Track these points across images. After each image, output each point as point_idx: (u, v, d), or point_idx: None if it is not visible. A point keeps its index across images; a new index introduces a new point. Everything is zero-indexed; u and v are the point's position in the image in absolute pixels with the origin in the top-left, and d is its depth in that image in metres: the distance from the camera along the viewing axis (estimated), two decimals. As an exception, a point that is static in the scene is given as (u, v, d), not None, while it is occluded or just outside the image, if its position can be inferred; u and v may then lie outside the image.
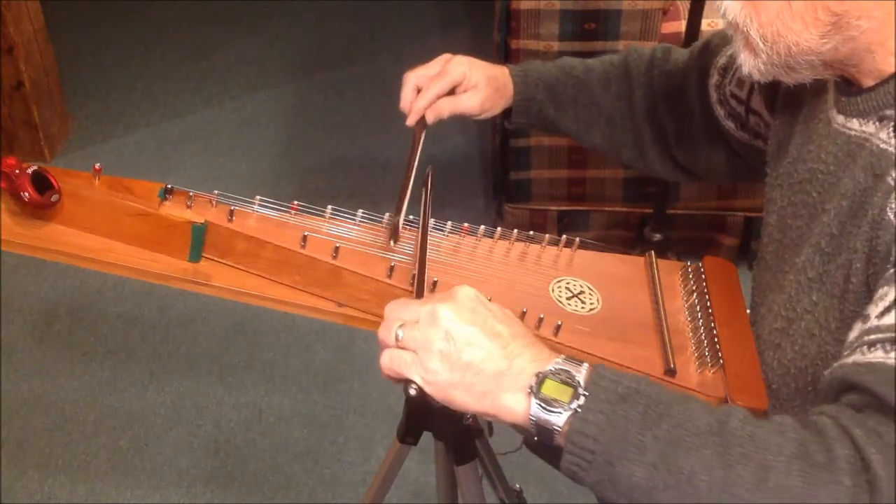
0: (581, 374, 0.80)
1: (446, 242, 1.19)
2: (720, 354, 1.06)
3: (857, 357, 0.82)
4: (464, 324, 0.83)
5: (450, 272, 1.14)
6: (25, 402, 2.27)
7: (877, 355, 0.80)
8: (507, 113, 1.34)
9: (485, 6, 2.97)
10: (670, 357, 1.06)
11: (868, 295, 0.88)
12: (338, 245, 1.11)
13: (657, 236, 2.42)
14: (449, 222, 1.20)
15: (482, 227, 1.21)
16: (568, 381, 0.80)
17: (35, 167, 1.04)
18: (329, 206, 1.17)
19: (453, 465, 1.30)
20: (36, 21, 2.92)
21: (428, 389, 0.83)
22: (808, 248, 0.97)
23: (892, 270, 0.83)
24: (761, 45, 0.93)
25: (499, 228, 1.20)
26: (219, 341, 2.44)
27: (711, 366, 1.05)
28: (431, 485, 1.50)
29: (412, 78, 1.26)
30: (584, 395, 0.79)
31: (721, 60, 1.24)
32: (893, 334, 0.80)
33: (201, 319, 2.49)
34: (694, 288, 1.17)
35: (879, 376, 0.78)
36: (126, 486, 2.09)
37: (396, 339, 0.85)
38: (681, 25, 2.27)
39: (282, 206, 1.16)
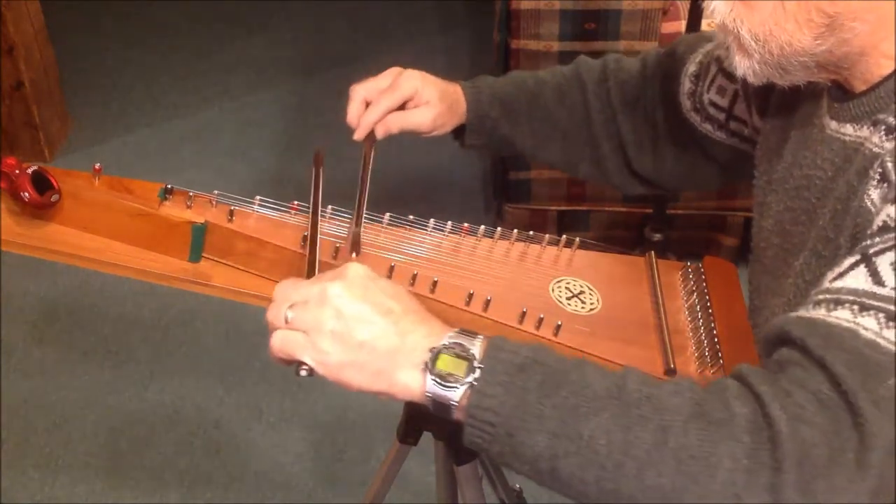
0: (476, 346, 0.80)
1: (446, 242, 1.19)
2: (720, 354, 1.06)
3: (800, 312, 0.82)
4: (355, 301, 0.81)
5: (450, 272, 1.14)
6: (25, 402, 2.27)
7: (819, 312, 0.80)
8: (456, 133, 1.29)
9: (485, 6, 2.97)
10: (670, 357, 1.06)
11: None
12: (338, 245, 1.11)
13: (657, 236, 2.42)
14: (449, 222, 1.20)
15: (482, 227, 1.21)
16: (462, 354, 0.79)
17: (35, 167, 1.04)
18: (329, 206, 1.17)
19: (453, 465, 1.30)
20: (36, 21, 2.92)
21: (320, 371, 0.83)
22: (806, 252, 0.97)
23: (860, 244, 0.84)
24: (753, 44, 0.92)
25: (499, 228, 1.20)
26: (219, 341, 2.44)
27: (711, 366, 1.06)
28: (431, 485, 1.50)
29: (361, 90, 1.22)
30: (480, 367, 0.79)
31: (691, 68, 1.21)
32: (837, 296, 0.80)
33: (201, 319, 2.49)
34: (694, 288, 1.17)
35: (814, 330, 0.78)
36: (126, 486, 2.09)
37: (286, 321, 0.83)
38: (681, 25, 2.27)
39: (282, 206, 1.16)
